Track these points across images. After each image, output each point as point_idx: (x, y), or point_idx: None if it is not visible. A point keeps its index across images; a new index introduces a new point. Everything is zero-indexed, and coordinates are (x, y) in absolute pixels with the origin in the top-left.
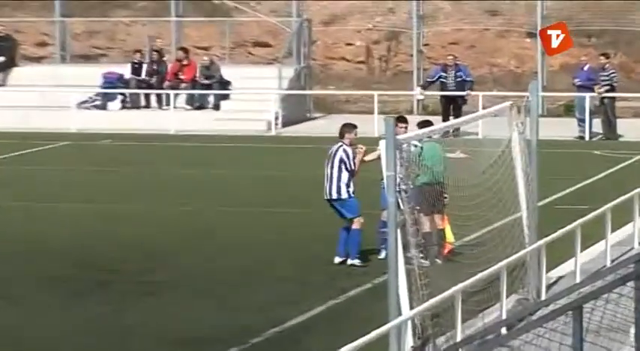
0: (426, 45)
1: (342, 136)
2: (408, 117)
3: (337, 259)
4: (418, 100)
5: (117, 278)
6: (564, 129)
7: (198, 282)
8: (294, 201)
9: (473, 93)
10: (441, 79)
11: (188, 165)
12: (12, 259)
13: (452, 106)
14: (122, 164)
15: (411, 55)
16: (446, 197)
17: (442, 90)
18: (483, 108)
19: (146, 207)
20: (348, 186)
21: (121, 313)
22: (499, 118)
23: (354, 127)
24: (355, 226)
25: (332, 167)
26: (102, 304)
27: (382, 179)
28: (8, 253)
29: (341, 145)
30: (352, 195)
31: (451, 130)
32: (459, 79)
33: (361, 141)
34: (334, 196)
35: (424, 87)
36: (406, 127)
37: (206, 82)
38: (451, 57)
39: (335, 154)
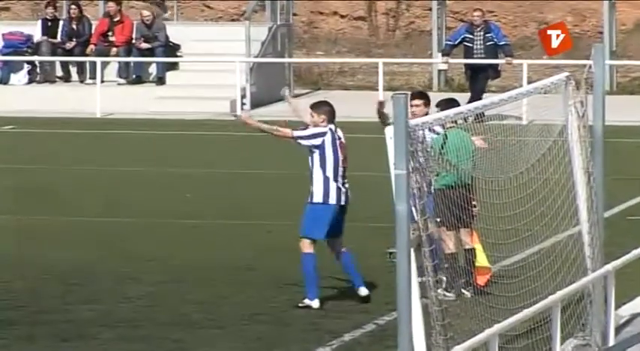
0: None
1: (334, 118)
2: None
3: (317, 303)
4: (440, 71)
5: (22, 317)
6: None
7: (134, 322)
8: (268, 211)
9: (515, 61)
10: (466, 43)
11: (119, 160)
12: None
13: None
14: (28, 159)
15: (429, 9)
16: (475, 206)
17: (466, 57)
18: (529, 81)
19: (61, 218)
20: None
21: None
22: (550, 96)
23: None
24: (345, 248)
25: (345, 161)
26: None
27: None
28: None
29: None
30: None
31: (475, 113)
32: (489, 43)
33: (360, 126)
34: (349, 201)
35: (446, 53)
36: (426, 105)
37: (146, 45)
38: (478, 13)
39: (342, 140)
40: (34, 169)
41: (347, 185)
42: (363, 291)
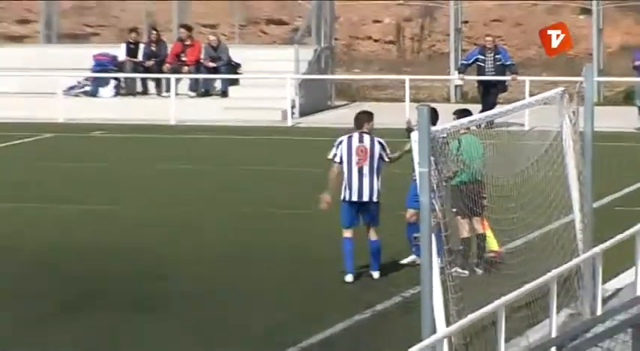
0: (465, 22)
1: (360, 125)
2: (443, 105)
3: (350, 278)
4: (456, 86)
5: (107, 290)
6: (623, 119)
7: (201, 296)
8: (314, 201)
9: (519, 78)
10: (478, 63)
11: (190, 160)
12: None
13: (489, 93)
14: (115, 159)
15: (448, 35)
16: (485, 198)
17: (479, 75)
18: (531, 95)
19: (140, 209)
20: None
21: (113, 330)
22: (548, 107)
23: (372, 116)
24: (376, 236)
25: (371, 165)
26: (91, 319)
27: (414, 176)
28: None
29: (374, 137)
30: None
31: (486, 121)
32: (498, 63)
33: (390, 132)
34: (367, 198)
35: (462, 71)
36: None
37: (212, 65)
38: (490, 38)
39: (372, 148)
40: (118, 168)
41: (360, 183)
42: (375, 274)
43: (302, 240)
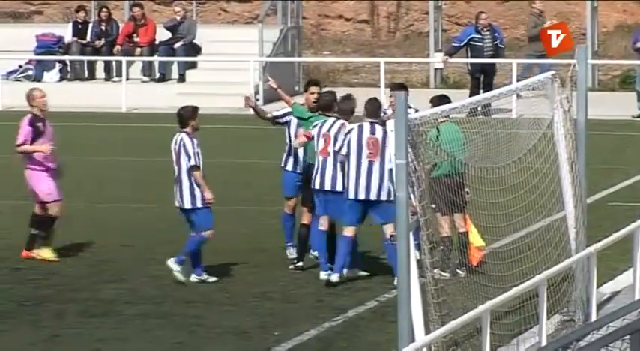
0: None
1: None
2: (423, 91)
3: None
4: (436, 70)
5: (53, 295)
6: (621, 106)
7: (153, 300)
8: (276, 197)
9: (506, 61)
10: (473, 42)
11: (144, 152)
12: None
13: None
14: (60, 150)
15: (427, 13)
16: (467, 192)
17: (473, 56)
18: (518, 79)
19: (88, 205)
20: None
21: (58, 339)
22: (538, 93)
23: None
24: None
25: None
26: (34, 327)
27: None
28: None
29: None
30: None
31: (479, 107)
32: (494, 43)
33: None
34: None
35: (450, 54)
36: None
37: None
38: (484, 15)
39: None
40: (63, 160)
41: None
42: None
43: (264, 240)
